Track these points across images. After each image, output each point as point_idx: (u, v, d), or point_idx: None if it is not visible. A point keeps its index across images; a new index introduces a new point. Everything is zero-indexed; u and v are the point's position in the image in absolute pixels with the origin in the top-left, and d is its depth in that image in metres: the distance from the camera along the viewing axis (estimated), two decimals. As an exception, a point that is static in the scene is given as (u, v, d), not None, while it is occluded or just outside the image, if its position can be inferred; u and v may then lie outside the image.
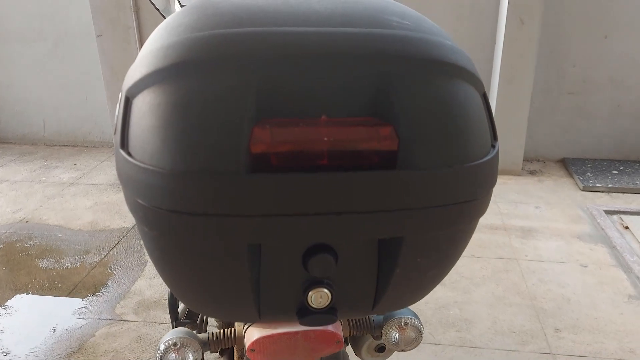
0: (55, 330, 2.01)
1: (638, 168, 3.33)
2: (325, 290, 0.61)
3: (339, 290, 0.62)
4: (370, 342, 1.11)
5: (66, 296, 2.22)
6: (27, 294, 2.24)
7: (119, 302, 2.17)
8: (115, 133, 0.61)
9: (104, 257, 2.50)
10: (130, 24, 3.01)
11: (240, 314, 0.65)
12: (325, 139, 0.53)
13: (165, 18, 1.50)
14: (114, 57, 3.01)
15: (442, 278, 0.69)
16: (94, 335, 1.98)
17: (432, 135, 0.55)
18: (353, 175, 0.54)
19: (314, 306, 0.61)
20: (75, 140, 3.96)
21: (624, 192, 3.08)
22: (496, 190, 3.15)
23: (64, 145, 3.98)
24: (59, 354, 1.89)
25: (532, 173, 3.40)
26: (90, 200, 3.08)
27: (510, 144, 3.31)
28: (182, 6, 1.46)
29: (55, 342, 1.95)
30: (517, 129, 3.27)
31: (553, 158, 3.58)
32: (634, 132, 3.45)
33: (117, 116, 0.60)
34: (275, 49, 0.54)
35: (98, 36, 3.00)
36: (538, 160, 3.59)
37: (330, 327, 0.85)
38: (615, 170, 3.31)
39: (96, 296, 2.21)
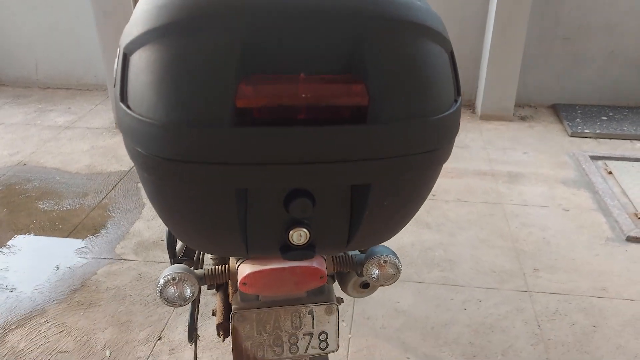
0: (58, 268, 2.11)
1: (627, 114, 3.38)
2: (305, 230, 0.68)
3: (316, 229, 0.69)
4: (355, 280, 1.20)
5: (67, 237, 2.30)
6: (29, 234, 2.32)
7: (118, 243, 2.26)
8: (114, 86, 0.66)
9: (102, 199, 2.58)
10: (120, -36, 2.95)
11: (231, 250, 0.72)
12: (303, 95, 0.59)
13: None
14: (105, 0, 2.96)
15: (409, 219, 0.76)
16: (96, 274, 2.08)
17: (400, 92, 0.61)
18: (327, 129, 0.60)
19: (294, 243, 0.69)
20: (68, 83, 3.95)
21: (610, 138, 3.15)
22: (487, 136, 3.20)
23: (58, 88, 3.97)
24: (62, 291, 1.99)
25: (523, 119, 3.44)
26: (86, 144, 3.12)
27: (503, 90, 3.33)
28: None
29: (58, 280, 2.05)
30: (510, 75, 3.29)
31: (545, 104, 3.61)
32: (626, 78, 3.47)
33: (116, 70, 0.65)
34: (258, 10, 0.59)
35: (88, -23, 2.94)
36: (530, 106, 3.62)
37: (314, 264, 0.92)
38: (605, 116, 3.36)
39: (96, 237, 2.30)
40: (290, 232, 0.68)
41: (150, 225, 2.37)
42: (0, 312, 1.88)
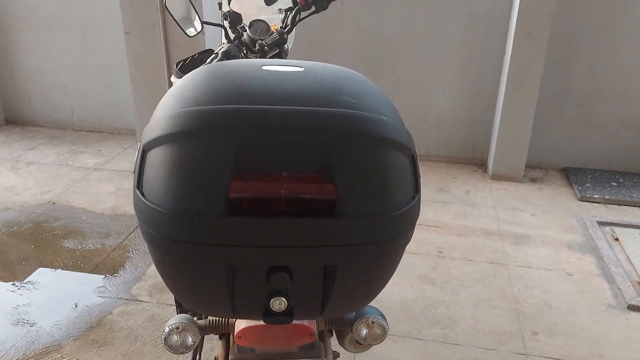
0: (77, 306, 2.23)
1: (637, 181, 3.43)
2: (283, 299, 0.80)
3: (294, 299, 0.81)
4: (351, 336, 1.29)
5: (87, 275, 2.44)
6: (53, 271, 2.46)
7: (134, 284, 2.38)
8: (134, 173, 0.80)
9: (123, 240, 2.72)
10: (156, 22, 3.19)
11: (221, 312, 0.85)
12: (283, 191, 0.73)
13: (184, 32, 1.69)
14: (139, 53, 3.20)
15: (376, 294, 0.87)
16: (112, 313, 2.19)
17: (363, 192, 0.75)
18: (302, 221, 0.74)
19: (274, 310, 0.81)
20: (100, 127, 4.18)
21: (619, 204, 3.20)
22: (496, 196, 3.28)
23: (90, 131, 4.20)
24: (79, 328, 2.10)
25: (533, 180, 3.52)
26: (112, 186, 3.30)
27: (513, 151, 3.43)
28: (202, 24, 1.66)
29: (76, 317, 2.17)
30: (521, 137, 3.39)
31: (556, 167, 3.69)
32: (636, 145, 3.54)
33: (136, 162, 0.80)
34: (251, 123, 0.74)
35: (126, 33, 3.19)
36: (541, 168, 3.70)
37: (305, 322, 1.02)
38: (615, 182, 3.41)
39: (114, 277, 2.43)
40: (271, 300, 0.80)
41: (166, 268, 2.49)
42: (20, 345, 2.00)
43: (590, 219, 2.98)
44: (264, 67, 0.86)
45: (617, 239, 2.79)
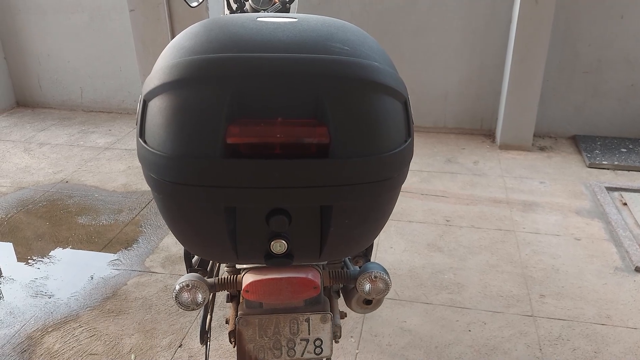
0: (92, 278, 2.29)
1: (648, 147, 3.41)
2: (283, 241, 0.84)
3: (293, 242, 0.84)
4: (358, 296, 1.32)
5: (102, 249, 2.49)
6: (68, 246, 2.52)
7: (148, 256, 2.44)
8: (136, 124, 0.83)
9: (136, 216, 2.77)
10: (160, 1, 3.20)
11: (224, 256, 0.88)
12: (278, 135, 0.75)
13: (187, 2, 1.71)
14: (145, 32, 3.21)
15: (372, 236, 0.90)
16: (126, 284, 2.25)
17: (354, 133, 0.77)
18: (296, 162, 0.77)
19: (275, 252, 0.84)
20: (110, 107, 4.22)
21: (629, 170, 3.18)
22: (504, 165, 3.28)
23: (100, 112, 4.25)
24: (96, 299, 2.17)
25: (542, 149, 3.51)
26: (123, 164, 3.34)
27: (522, 121, 3.42)
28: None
29: (92, 289, 2.23)
30: (529, 106, 3.37)
31: (565, 135, 3.67)
32: (647, 112, 3.51)
33: (138, 113, 0.82)
34: (246, 70, 0.77)
35: (131, 10, 3.21)
36: (550, 137, 3.68)
37: (309, 276, 1.05)
38: (624, 148, 3.39)
39: (128, 250, 2.48)
40: (272, 243, 0.83)
41: (177, 241, 2.54)
42: (39, 316, 2.07)
43: (599, 185, 2.98)
44: (258, 19, 0.88)
45: (625, 204, 2.79)
